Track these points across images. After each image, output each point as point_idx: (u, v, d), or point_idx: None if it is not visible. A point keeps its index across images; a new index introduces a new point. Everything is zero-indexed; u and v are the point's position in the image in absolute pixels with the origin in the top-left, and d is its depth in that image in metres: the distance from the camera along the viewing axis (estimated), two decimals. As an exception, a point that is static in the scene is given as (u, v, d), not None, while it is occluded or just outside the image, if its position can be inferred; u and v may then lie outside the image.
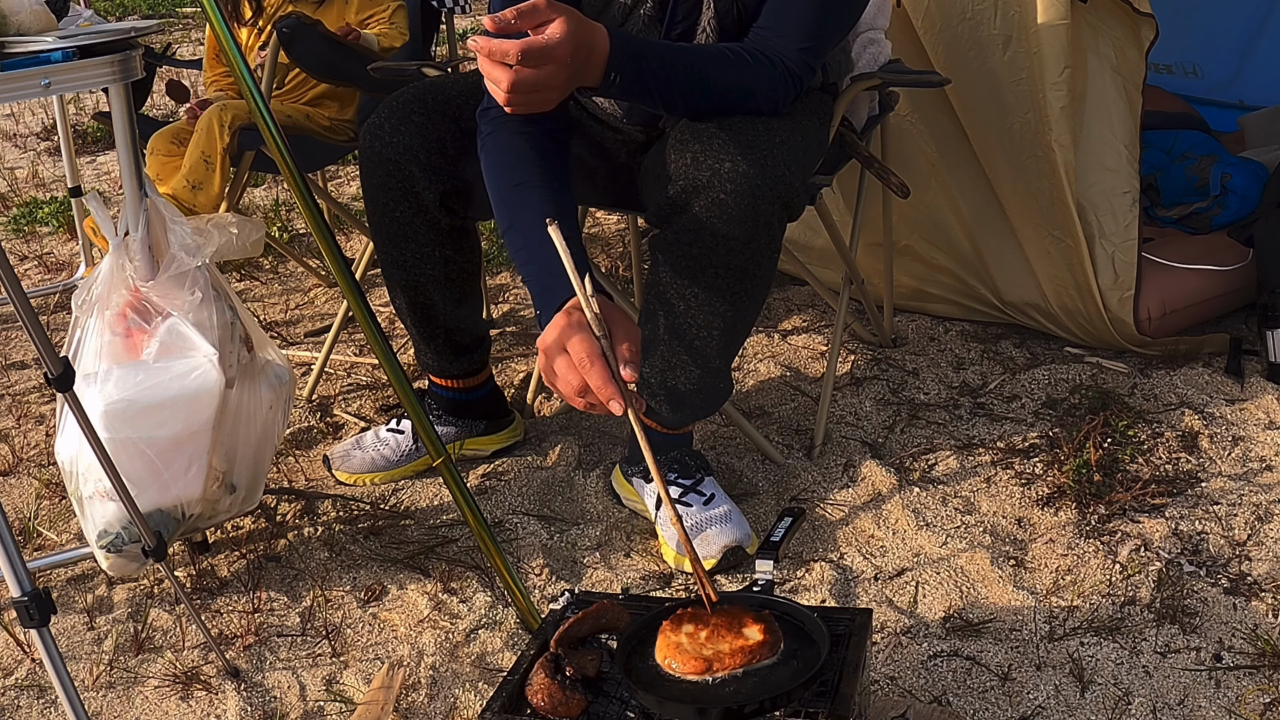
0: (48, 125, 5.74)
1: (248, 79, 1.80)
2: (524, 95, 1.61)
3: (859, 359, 2.74)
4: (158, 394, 1.91)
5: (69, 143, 3.60)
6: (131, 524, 1.86)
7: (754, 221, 1.81)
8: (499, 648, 1.91)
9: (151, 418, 1.91)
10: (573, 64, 1.62)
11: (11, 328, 3.34)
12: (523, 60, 1.58)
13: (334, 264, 1.85)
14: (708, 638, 1.42)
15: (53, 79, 1.71)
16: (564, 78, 1.63)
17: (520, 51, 1.57)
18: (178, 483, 1.96)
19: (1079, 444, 2.30)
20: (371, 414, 2.68)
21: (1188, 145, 3.09)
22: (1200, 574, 1.94)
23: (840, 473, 2.30)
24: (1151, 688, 1.71)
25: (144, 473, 1.93)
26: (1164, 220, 2.98)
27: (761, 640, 1.41)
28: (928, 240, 2.82)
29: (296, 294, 3.48)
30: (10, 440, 2.68)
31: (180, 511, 1.99)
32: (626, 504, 2.23)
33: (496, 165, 1.81)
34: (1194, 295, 2.61)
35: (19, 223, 4.25)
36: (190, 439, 1.96)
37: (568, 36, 1.59)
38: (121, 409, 1.89)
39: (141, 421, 1.91)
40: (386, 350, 1.87)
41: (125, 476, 1.78)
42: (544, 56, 1.59)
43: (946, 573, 1.99)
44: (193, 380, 1.93)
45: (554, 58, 1.59)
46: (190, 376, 1.93)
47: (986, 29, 2.47)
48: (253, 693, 1.85)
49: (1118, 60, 2.46)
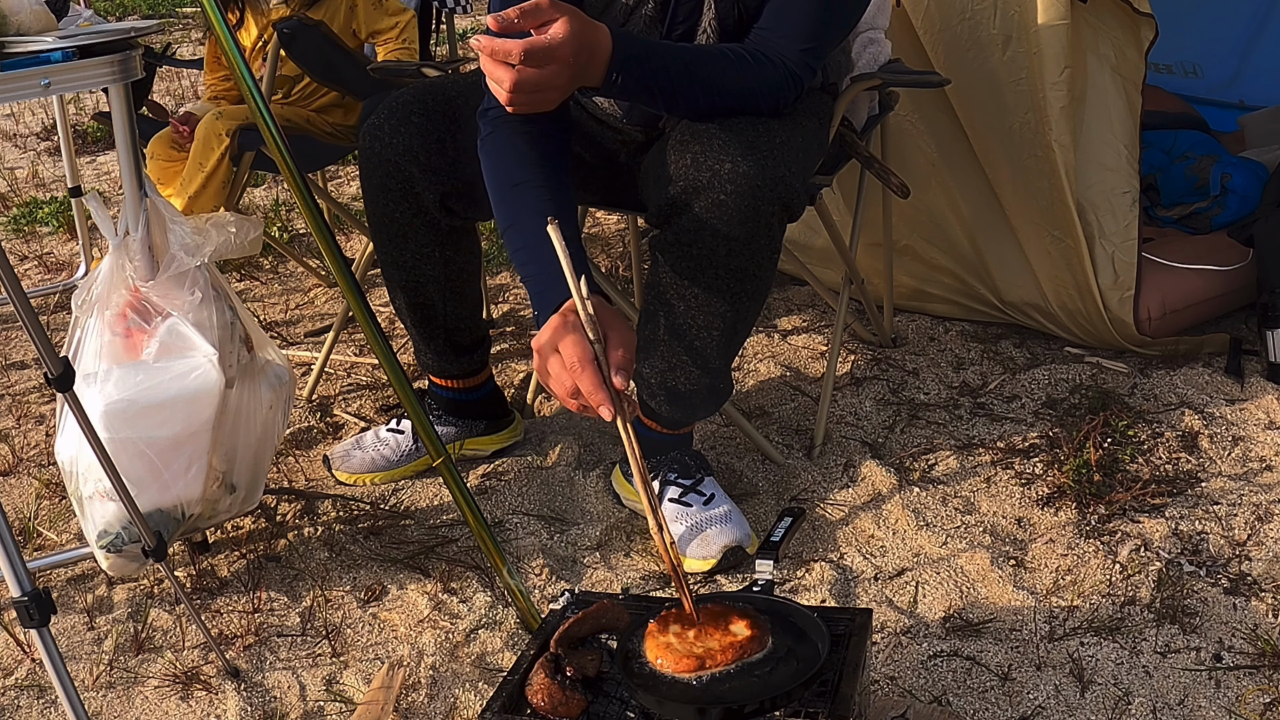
0: (48, 125, 5.74)
1: (248, 78, 1.80)
2: (526, 95, 1.61)
3: (859, 359, 2.74)
4: (158, 394, 1.91)
5: (69, 143, 3.60)
6: (131, 524, 1.86)
7: (754, 222, 1.81)
8: (499, 648, 1.91)
9: (151, 418, 1.91)
10: (575, 64, 1.62)
11: (11, 328, 3.34)
12: (526, 60, 1.58)
13: (334, 263, 1.85)
14: (696, 636, 1.42)
15: (53, 79, 1.71)
16: (567, 78, 1.63)
17: (523, 51, 1.57)
18: (178, 483, 1.96)
19: (1079, 444, 2.30)
20: (371, 414, 2.68)
21: (1188, 145, 3.09)
22: (1200, 574, 1.94)
23: (840, 473, 2.30)
24: (1151, 688, 1.71)
25: (144, 473, 1.93)
26: (1164, 220, 2.98)
27: (750, 635, 1.42)
28: (928, 240, 2.82)
29: (296, 294, 3.48)
30: (10, 440, 2.68)
31: (180, 511, 1.99)
32: (626, 504, 2.23)
33: (496, 165, 1.81)
34: (1194, 295, 2.61)
35: (19, 223, 4.25)
36: (190, 439, 1.95)
37: (571, 36, 1.59)
38: (121, 409, 1.89)
39: (141, 421, 1.91)
40: (386, 350, 1.88)
41: (125, 476, 1.78)
42: (547, 56, 1.59)
43: (946, 573, 1.99)
44: (193, 380, 1.93)
45: (557, 58, 1.60)
46: (190, 376, 1.93)
47: (986, 29, 2.47)
48: (253, 693, 1.85)
49: (1117, 60, 2.46)
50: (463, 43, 6.09)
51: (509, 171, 1.78)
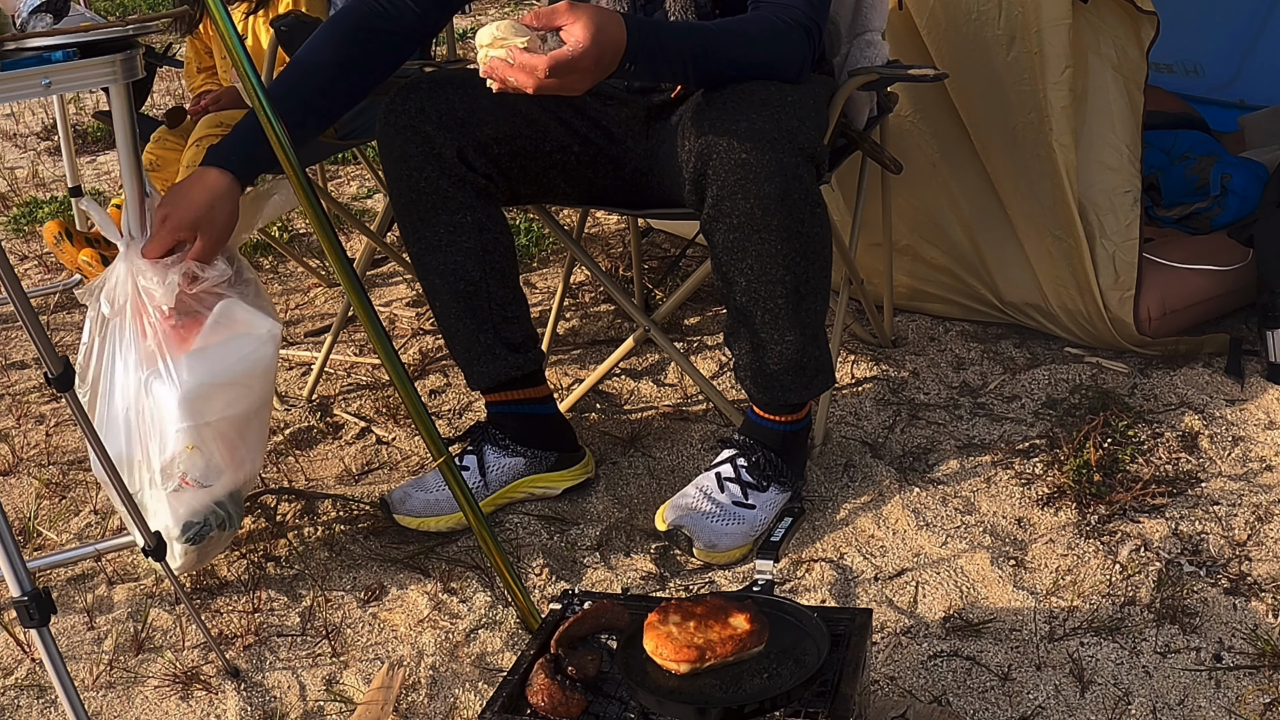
0: (48, 125, 5.74)
1: (250, 75, 1.79)
2: (547, 94, 1.70)
3: (859, 359, 2.74)
4: (228, 373, 1.93)
5: (69, 142, 3.60)
6: (216, 507, 1.95)
7: (781, 175, 1.83)
8: (499, 648, 1.91)
9: (223, 396, 1.94)
10: (596, 67, 1.68)
11: (11, 328, 3.34)
12: (550, 73, 1.65)
13: (334, 258, 1.85)
14: (696, 628, 1.44)
15: (53, 79, 1.71)
16: (587, 81, 1.70)
17: (548, 66, 1.62)
18: (251, 458, 2.01)
19: (1079, 444, 2.30)
20: (371, 414, 2.68)
21: (1188, 145, 3.09)
22: (1200, 574, 1.94)
23: (840, 473, 2.30)
24: (1151, 688, 1.71)
25: (224, 454, 1.96)
26: (1164, 220, 2.98)
27: (750, 629, 1.43)
28: (928, 240, 2.82)
29: (296, 294, 3.48)
30: (10, 440, 2.68)
31: (244, 490, 2.05)
32: None
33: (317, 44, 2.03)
34: (1194, 295, 2.61)
35: (19, 223, 4.25)
36: (257, 413, 2.00)
37: (592, 44, 1.64)
38: (198, 394, 1.91)
39: (217, 402, 1.93)
40: (388, 348, 1.87)
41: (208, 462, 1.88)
42: (570, 67, 1.65)
43: (946, 573, 1.99)
44: (256, 355, 1.96)
45: (579, 67, 1.65)
46: (255, 352, 1.96)
47: (991, 29, 2.47)
48: (253, 693, 1.85)
49: (1119, 60, 2.46)
50: (462, 42, 6.09)
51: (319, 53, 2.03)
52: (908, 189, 2.75)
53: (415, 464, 2.46)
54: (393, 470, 2.45)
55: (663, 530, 2.06)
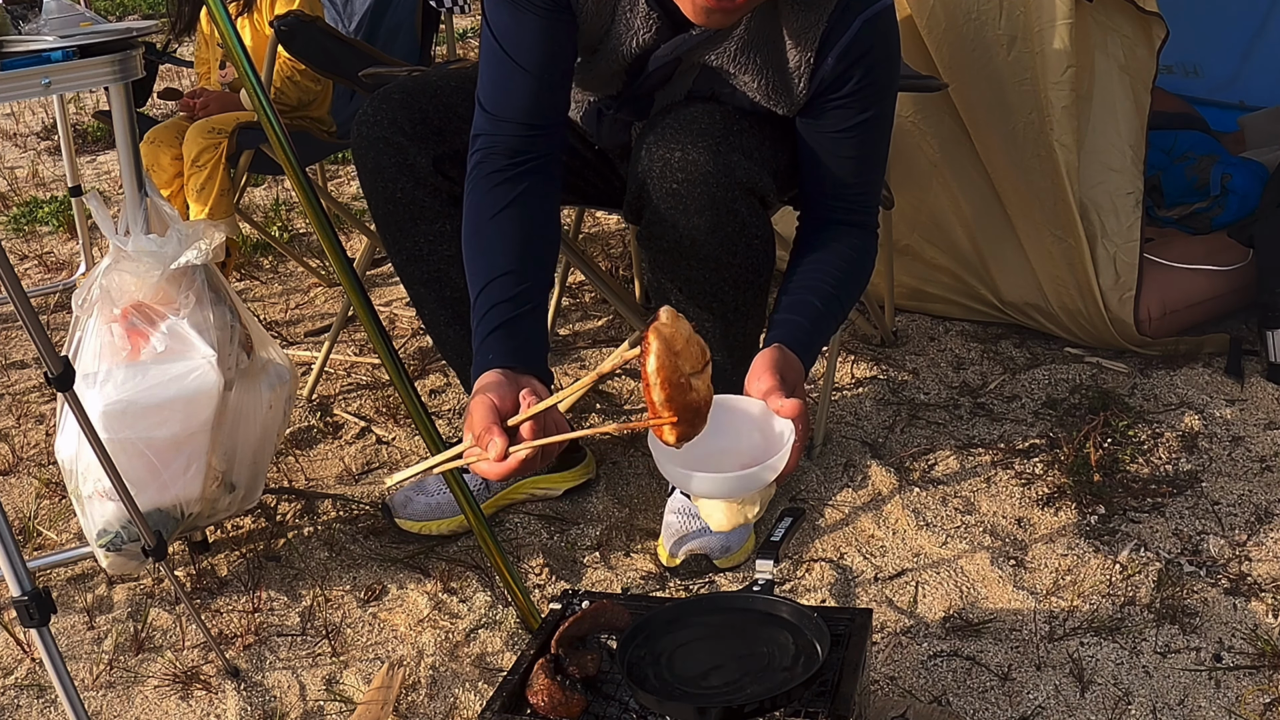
0: (48, 125, 5.74)
1: (251, 76, 1.79)
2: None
3: (859, 359, 2.74)
4: (156, 395, 1.91)
5: (69, 142, 3.60)
6: (131, 523, 1.86)
7: (713, 209, 1.79)
8: (499, 648, 1.91)
9: (150, 418, 1.91)
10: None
11: (11, 328, 3.34)
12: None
13: (334, 257, 1.84)
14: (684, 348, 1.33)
15: (53, 79, 1.72)
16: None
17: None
18: (177, 482, 1.96)
19: (1079, 444, 2.30)
20: (371, 413, 2.68)
21: (1188, 145, 3.09)
22: (1200, 574, 1.94)
23: (840, 473, 2.30)
24: (1151, 688, 1.71)
25: (143, 472, 1.93)
26: (1164, 220, 2.98)
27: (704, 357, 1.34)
28: (928, 240, 2.82)
29: (296, 294, 3.48)
30: (10, 440, 2.68)
31: (179, 511, 1.99)
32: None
33: (476, 238, 1.77)
34: (1194, 295, 2.61)
35: (19, 222, 4.25)
36: (189, 439, 1.95)
37: (805, 428, 1.52)
38: (121, 409, 1.89)
39: (140, 422, 1.91)
40: (387, 348, 1.87)
41: (125, 476, 1.78)
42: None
43: (946, 573, 1.99)
44: (191, 381, 1.93)
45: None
46: (189, 378, 1.93)
47: (992, 29, 2.47)
48: (253, 693, 1.85)
49: (1126, 59, 2.46)
50: (462, 42, 6.10)
51: (490, 258, 1.74)
52: (908, 189, 2.76)
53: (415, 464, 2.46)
54: (393, 470, 2.45)
55: (675, 565, 2.04)
